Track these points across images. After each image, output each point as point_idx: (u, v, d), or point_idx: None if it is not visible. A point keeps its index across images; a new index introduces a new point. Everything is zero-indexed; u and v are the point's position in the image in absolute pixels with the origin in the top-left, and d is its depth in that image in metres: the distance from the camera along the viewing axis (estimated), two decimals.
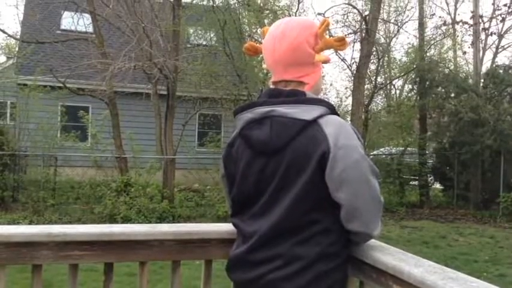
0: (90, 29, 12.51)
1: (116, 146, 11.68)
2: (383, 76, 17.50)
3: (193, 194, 12.29)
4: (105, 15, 11.69)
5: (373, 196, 1.50)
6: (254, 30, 14.73)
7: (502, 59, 18.98)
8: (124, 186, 10.30)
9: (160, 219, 9.73)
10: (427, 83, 14.29)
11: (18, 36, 15.54)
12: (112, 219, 9.52)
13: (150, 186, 10.69)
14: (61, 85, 12.31)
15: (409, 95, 16.75)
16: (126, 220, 9.43)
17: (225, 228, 1.85)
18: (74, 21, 12.95)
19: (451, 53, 18.91)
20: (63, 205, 10.79)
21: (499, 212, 11.87)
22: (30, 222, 9.12)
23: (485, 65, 15.79)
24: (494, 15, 15.49)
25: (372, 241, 1.65)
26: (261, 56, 1.79)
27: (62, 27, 15.52)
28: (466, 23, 15.25)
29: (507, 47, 17.46)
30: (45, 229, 1.76)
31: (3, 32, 15.01)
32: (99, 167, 11.78)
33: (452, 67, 17.15)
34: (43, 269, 1.78)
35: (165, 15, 12.24)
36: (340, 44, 1.65)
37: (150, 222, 9.25)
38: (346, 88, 17.45)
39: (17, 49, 17.26)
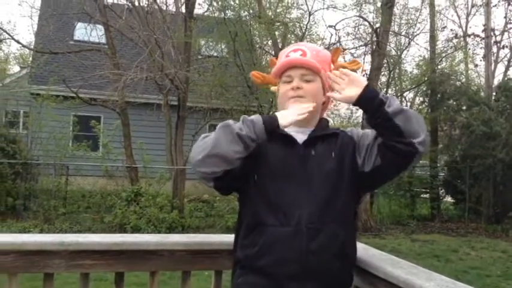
0: (103, 40, 12.66)
1: (126, 156, 11.74)
2: (394, 88, 17.44)
3: (202, 204, 12.29)
4: (117, 27, 11.81)
5: None
6: (265, 42, 14.80)
7: None
8: (134, 196, 10.33)
9: (170, 230, 9.74)
10: (439, 95, 14.24)
11: (32, 47, 15.73)
12: (122, 229, 9.54)
13: (160, 196, 10.71)
14: (73, 95, 12.43)
15: (420, 107, 16.68)
16: (136, 230, 9.45)
17: None
18: (87, 32, 13.12)
19: (462, 66, 18.85)
20: (73, 214, 10.85)
21: None
22: (41, 231, 9.17)
23: (497, 78, 15.76)
24: (506, 29, 15.46)
25: (383, 254, 1.65)
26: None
27: (75, 38, 15.71)
28: (477, 36, 15.24)
29: None
30: (58, 238, 1.78)
31: (18, 42, 15.27)
32: (110, 177, 11.84)
33: (463, 80, 17.08)
34: (54, 278, 1.79)
35: (177, 27, 12.34)
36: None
37: (159, 232, 9.27)
38: None
39: (30, 59, 17.50)
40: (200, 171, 1.66)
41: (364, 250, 1.85)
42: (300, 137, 1.76)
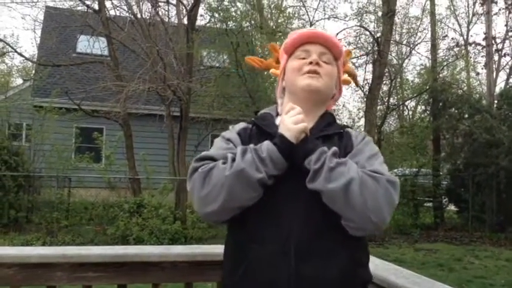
0: (106, 52, 12.73)
1: (129, 167, 11.75)
2: (395, 97, 17.49)
3: None
4: (120, 39, 11.88)
5: None
6: (267, 52, 14.86)
7: None
8: (137, 208, 10.32)
9: (173, 241, 9.71)
10: (440, 104, 14.24)
11: (35, 59, 15.84)
12: (124, 241, 9.52)
13: (163, 207, 10.70)
14: (76, 107, 12.47)
15: (422, 116, 16.69)
16: (139, 241, 9.43)
17: None
18: (90, 45, 13.20)
19: (464, 74, 18.88)
20: (76, 226, 10.83)
21: None
22: (44, 244, 9.15)
23: (499, 86, 15.77)
24: (508, 37, 15.50)
25: (386, 264, 1.64)
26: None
27: (78, 50, 15.80)
28: (478, 44, 15.30)
29: None
30: (60, 250, 1.78)
31: (21, 55, 15.34)
32: (113, 188, 11.84)
33: (465, 88, 17.09)
34: None
35: (179, 39, 12.41)
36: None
37: (162, 243, 9.24)
38: (358, 109, 17.46)
39: (33, 72, 17.60)
40: (210, 220, 1.49)
41: None
42: None
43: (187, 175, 1.47)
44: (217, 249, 1.99)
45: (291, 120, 1.42)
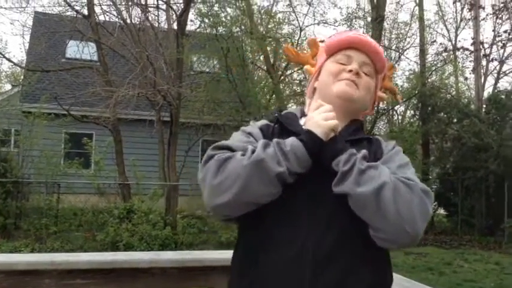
0: (95, 58, 12.67)
1: (119, 173, 11.69)
2: (385, 102, 17.57)
3: (195, 220, 12.21)
4: (110, 44, 11.84)
5: None
6: (257, 58, 14.89)
7: (504, 85, 19.11)
8: (127, 213, 10.26)
9: (163, 247, 9.66)
10: (429, 108, 14.34)
11: (23, 65, 15.71)
12: (114, 247, 9.45)
13: (153, 212, 10.64)
14: (65, 113, 12.39)
15: (412, 120, 16.79)
16: (129, 247, 9.36)
17: (229, 255, 1.85)
18: (79, 50, 13.14)
19: (452, 79, 19.03)
20: (65, 232, 10.74)
21: (504, 238, 11.75)
22: (32, 250, 9.06)
23: (487, 91, 15.91)
24: (495, 42, 15.66)
25: None
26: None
27: (67, 55, 15.72)
28: (466, 49, 15.42)
29: (508, 73, 17.60)
30: (48, 257, 1.76)
31: (9, 60, 15.18)
32: (102, 194, 11.76)
33: (454, 93, 17.23)
34: None
35: (169, 44, 12.39)
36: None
37: (152, 249, 9.18)
38: None
39: (22, 77, 17.45)
40: (219, 215, 1.35)
41: None
42: None
43: (202, 163, 1.31)
44: (207, 255, 1.98)
45: (322, 117, 1.31)
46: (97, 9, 12.32)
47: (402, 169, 1.34)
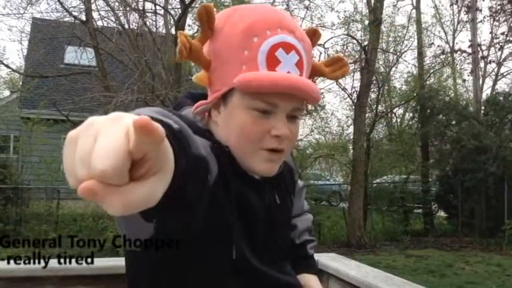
0: (93, 63, 12.67)
1: None
2: (384, 105, 17.59)
3: None
4: (108, 49, 11.85)
5: None
6: None
7: (502, 86, 19.10)
8: None
9: None
10: (428, 111, 14.35)
11: (22, 71, 15.72)
12: (114, 252, 9.42)
13: None
14: (64, 118, 12.39)
15: (410, 123, 16.81)
16: None
17: None
18: (77, 56, 13.13)
19: (450, 81, 19.07)
20: (65, 238, 10.71)
21: (505, 240, 11.74)
22: (33, 256, 9.03)
23: (485, 93, 15.92)
24: (493, 44, 15.70)
25: (376, 271, 1.63)
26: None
27: (66, 61, 15.72)
28: (464, 51, 15.46)
29: (506, 75, 17.63)
30: (49, 263, 1.75)
31: (7, 66, 15.20)
32: None
33: (452, 95, 17.25)
34: None
35: (167, 48, 12.40)
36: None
37: None
38: (347, 117, 17.54)
39: (20, 83, 17.46)
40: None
41: (357, 267, 1.84)
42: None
43: None
44: None
45: None
46: (95, 15, 12.35)
47: (305, 201, 1.45)
